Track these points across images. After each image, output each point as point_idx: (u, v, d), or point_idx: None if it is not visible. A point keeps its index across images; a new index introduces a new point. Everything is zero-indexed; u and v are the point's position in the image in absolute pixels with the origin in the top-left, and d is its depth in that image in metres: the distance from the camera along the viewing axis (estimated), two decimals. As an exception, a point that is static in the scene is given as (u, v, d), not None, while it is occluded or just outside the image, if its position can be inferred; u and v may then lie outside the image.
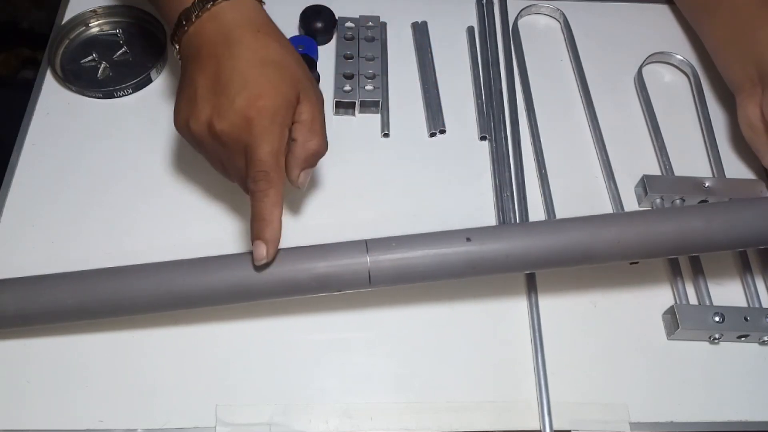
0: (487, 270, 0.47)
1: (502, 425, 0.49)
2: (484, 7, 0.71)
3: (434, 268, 0.47)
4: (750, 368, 0.53)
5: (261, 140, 0.44)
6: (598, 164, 0.62)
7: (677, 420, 0.51)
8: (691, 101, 0.68)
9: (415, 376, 0.51)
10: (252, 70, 0.45)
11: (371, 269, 0.46)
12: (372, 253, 0.46)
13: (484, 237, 0.47)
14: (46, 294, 0.46)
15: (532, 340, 0.52)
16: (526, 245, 0.47)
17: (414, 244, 0.47)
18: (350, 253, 0.46)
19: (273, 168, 0.45)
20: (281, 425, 0.48)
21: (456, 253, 0.46)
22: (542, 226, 0.49)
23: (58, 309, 0.46)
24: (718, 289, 0.56)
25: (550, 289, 0.55)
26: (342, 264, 0.46)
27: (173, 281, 0.46)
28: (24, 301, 0.46)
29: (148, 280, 0.46)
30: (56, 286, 0.46)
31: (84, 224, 0.55)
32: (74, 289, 0.46)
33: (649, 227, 0.48)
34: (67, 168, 0.58)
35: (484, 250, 0.47)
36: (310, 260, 0.46)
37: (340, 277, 0.46)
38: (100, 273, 0.47)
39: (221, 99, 0.45)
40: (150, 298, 0.46)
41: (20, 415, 0.47)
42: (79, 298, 0.46)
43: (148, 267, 0.47)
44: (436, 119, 0.63)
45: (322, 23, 0.66)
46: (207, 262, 0.47)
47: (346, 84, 0.63)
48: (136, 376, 0.49)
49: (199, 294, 0.46)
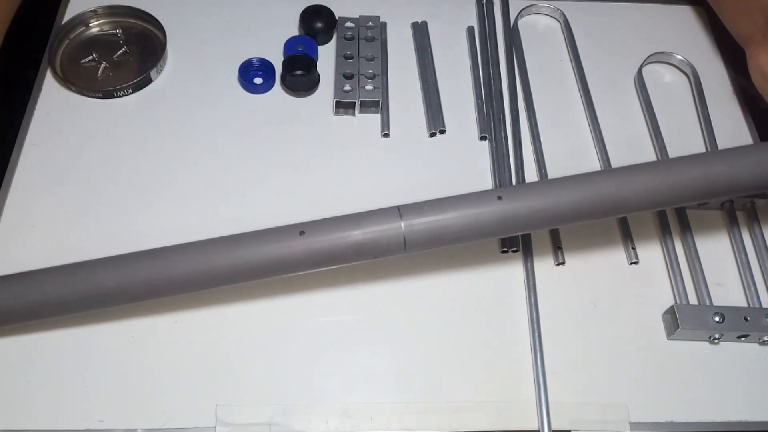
0: (519, 227, 0.48)
1: (502, 425, 0.49)
2: (484, 7, 0.71)
3: (467, 229, 0.47)
4: (750, 368, 0.53)
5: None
6: (598, 164, 0.62)
7: (677, 420, 0.51)
8: (691, 101, 0.68)
9: (415, 376, 0.51)
10: None
11: (406, 234, 0.46)
12: (405, 218, 0.46)
13: (515, 194, 0.47)
14: (86, 280, 0.46)
15: (532, 340, 0.52)
16: (557, 199, 0.47)
17: (446, 206, 0.47)
18: (384, 220, 0.46)
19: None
20: (281, 425, 0.48)
21: (488, 212, 0.47)
22: (571, 180, 0.48)
23: (99, 293, 0.46)
24: (718, 289, 0.56)
25: (550, 289, 0.55)
26: (377, 230, 0.46)
27: (212, 258, 0.46)
28: (65, 287, 0.46)
29: (187, 259, 0.46)
30: (95, 270, 0.46)
31: (84, 224, 0.55)
32: (114, 272, 0.46)
33: (676, 173, 0.48)
34: (67, 168, 0.58)
35: (516, 207, 0.47)
36: (345, 229, 0.46)
37: (376, 244, 0.46)
38: (137, 255, 0.47)
39: None
40: (190, 276, 0.46)
41: (20, 415, 0.47)
42: (119, 281, 0.46)
43: (186, 246, 0.47)
44: (436, 119, 0.63)
45: (322, 23, 0.66)
46: (243, 238, 0.47)
47: (346, 84, 0.63)
48: (136, 376, 0.49)
49: (239, 269, 0.46)
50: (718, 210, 0.61)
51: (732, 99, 0.68)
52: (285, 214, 0.57)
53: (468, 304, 0.54)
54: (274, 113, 0.63)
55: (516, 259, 0.57)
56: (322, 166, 0.60)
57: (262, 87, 0.64)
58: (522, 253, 0.57)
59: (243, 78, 0.63)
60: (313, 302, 0.53)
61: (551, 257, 0.57)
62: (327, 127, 0.63)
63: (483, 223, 0.47)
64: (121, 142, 0.60)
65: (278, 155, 0.60)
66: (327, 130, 0.62)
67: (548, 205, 0.47)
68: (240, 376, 0.50)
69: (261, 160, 0.60)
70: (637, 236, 0.58)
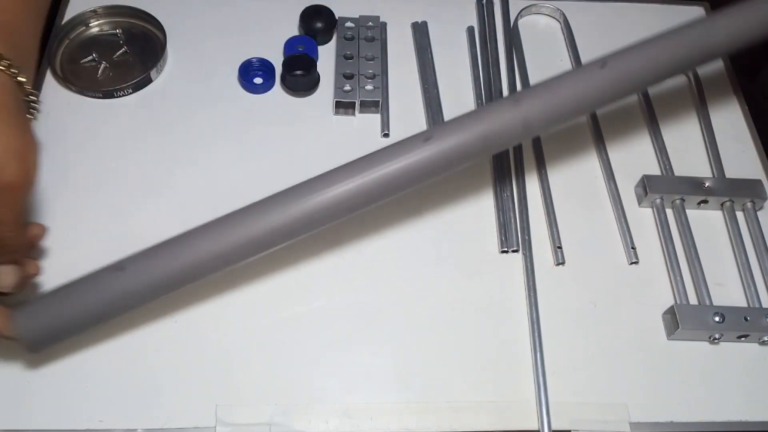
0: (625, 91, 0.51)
1: (502, 425, 0.49)
2: (484, 7, 0.71)
3: (580, 99, 0.49)
4: (750, 368, 0.53)
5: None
6: (598, 164, 0.62)
7: (677, 420, 0.51)
8: (691, 101, 0.68)
9: (415, 376, 0.51)
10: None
11: (525, 117, 0.48)
12: (522, 103, 0.48)
13: (619, 60, 0.51)
14: (164, 264, 0.46)
15: (532, 340, 0.52)
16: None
17: (556, 83, 0.49)
18: (502, 110, 0.48)
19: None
20: (281, 425, 0.48)
21: (595, 77, 0.50)
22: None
23: (175, 274, 0.46)
24: (718, 289, 0.56)
25: (550, 289, 0.55)
26: (498, 120, 0.47)
27: (341, 183, 0.47)
28: (147, 275, 0.46)
29: (247, 224, 0.47)
30: (170, 253, 0.46)
31: (84, 224, 0.55)
32: (179, 253, 0.47)
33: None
34: (66, 167, 0.58)
35: (623, 67, 0.50)
36: (470, 126, 0.47)
37: (500, 133, 0.48)
38: (193, 233, 0.47)
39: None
40: (255, 237, 0.47)
41: (20, 415, 0.47)
42: (187, 259, 0.46)
43: (243, 211, 0.47)
44: (436, 119, 0.63)
45: (322, 23, 0.66)
46: (368, 158, 0.48)
47: (346, 84, 0.63)
48: (136, 376, 0.49)
49: (374, 185, 0.47)
50: (718, 210, 0.61)
51: (732, 99, 0.68)
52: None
53: (468, 304, 0.54)
54: (274, 113, 0.63)
55: (516, 259, 0.57)
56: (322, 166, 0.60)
57: (262, 87, 0.64)
58: (522, 253, 0.57)
59: (243, 78, 0.63)
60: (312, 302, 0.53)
61: (551, 257, 0.57)
62: (327, 127, 0.63)
63: (591, 89, 0.50)
64: (121, 142, 0.60)
65: (278, 155, 0.60)
66: (327, 130, 0.62)
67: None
68: (240, 376, 0.50)
69: (261, 160, 0.60)
70: (637, 236, 0.58)
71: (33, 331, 0.44)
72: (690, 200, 0.60)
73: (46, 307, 0.45)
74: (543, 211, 0.59)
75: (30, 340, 0.45)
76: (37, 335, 0.45)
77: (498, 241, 0.57)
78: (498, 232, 0.58)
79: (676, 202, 0.60)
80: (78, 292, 0.45)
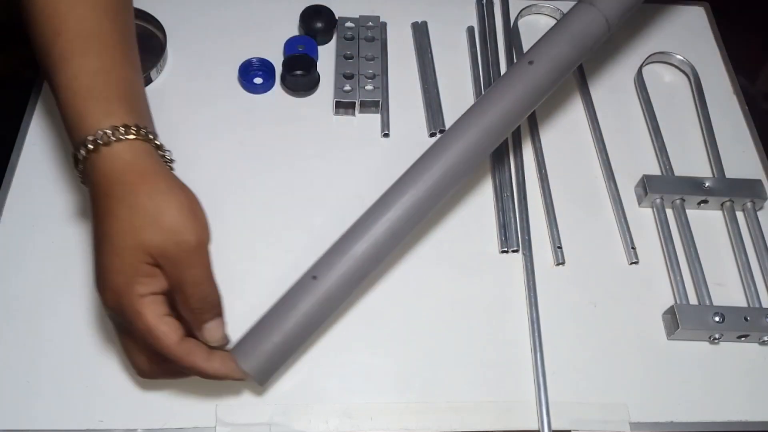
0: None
1: (502, 425, 0.49)
2: (484, 7, 0.71)
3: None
4: (750, 368, 0.53)
5: (129, 324, 0.41)
6: (598, 164, 0.62)
7: (677, 420, 0.51)
8: (691, 101, 0.68)
9: (415, 376, 0.51)
10: (95, 247, 0.42)
11: (607, 18, 0.52)
12: (595, 6, 0.52)
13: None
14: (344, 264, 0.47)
15: (532, 340, 0.52)
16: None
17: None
18: (580, 16, 0.51)
19: (158, 345, 0.41)
20: (281, 425, 0.48)
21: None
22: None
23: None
24: (718, 289, 0.56)
25: (550, 289, 0.55)
26: (580, 25, 0.51)
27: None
28: (337, 275, 0.47)
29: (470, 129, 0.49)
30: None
31: (84, 224, 0.55)
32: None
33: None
34: (67, 168, 0.58)
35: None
36: (557, 45, 0.51)
37: (586, 33, 0.51)
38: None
39: (97, 280, 0.42)
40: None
41: (20, 415, 0.47)
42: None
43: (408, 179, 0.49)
44: (436, 119, 0.63)
45: (322, 23, 0.66)
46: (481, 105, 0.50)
47: (346, 84, 0.63)
48: (136, 376, 0.49)
49: (501, 118, 0.50)
50: (718, 210, 0.61)
51: (732, 99, 0.68)
52: (285, 214, 0.57)
53: (468, 304, 0.54)
54: (274, 113, 0.63)
55: (516, 259, 0.57)
56: (322, 166, 0.60)
57: (262, 87, 0.64)
58: (522, 253, 0.57)
59: (243, 78, 0.63)
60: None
61: (551, 257, 0.57)
62: (327, 127, 0.63)
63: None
64: (121, 142, 0.59)
65: (278, 155, 0.60)
66: (327, 130, 0.62)
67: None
68: (240, 376, 0.50)
69: (261, 160, 0.60)
70: (637, 236, 0.58)
71: (258, 366, 0.45)
72: (690, 200, 0.60)
73: (261, 339, 0.45)
74: (543, 211, 0.59)
75: (258, 375, 0.45)
76: (263, 368, 0.45)
77: (498, 241, 0.57)
78: (498, 232, 0.58)
79: (676, 202, 0.60)
80: (282, 314, 0.46)
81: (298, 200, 0.58)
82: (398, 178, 0.50)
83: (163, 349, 0.41)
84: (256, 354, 0.45)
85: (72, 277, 0.52)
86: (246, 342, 0.46)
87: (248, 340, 0.46)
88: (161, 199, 0.42)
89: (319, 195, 0.58)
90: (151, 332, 0.41)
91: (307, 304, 0.46)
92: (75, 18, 0.45)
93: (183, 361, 0.42)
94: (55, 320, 0.51)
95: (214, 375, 0.43)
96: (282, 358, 0.46)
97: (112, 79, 0.45)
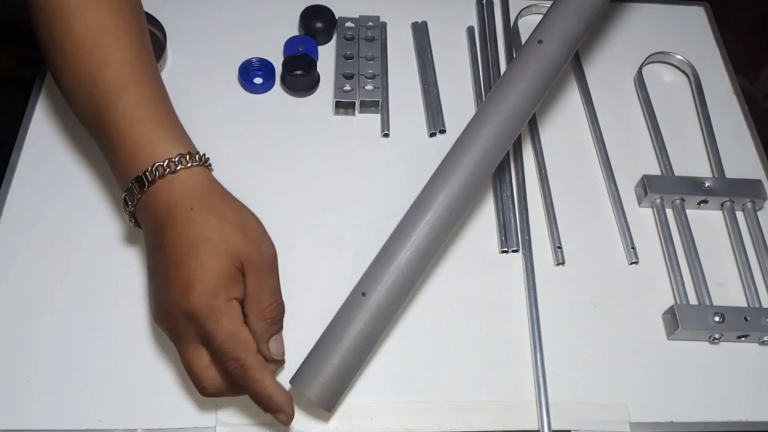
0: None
1: (502, 425, 0.49)
2: (484, 7, 0.71)
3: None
4: (750, 368, 0.53)
5: (213, 328, 0.41)
6: (598, 164, 0.62)
7: (677, 420, 0.51)
8: (691, 101, 0.68)
9: (415, 376, 0.51)
10: (182, 255, 0.42)
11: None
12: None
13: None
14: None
15: (532, 340, 0.52)
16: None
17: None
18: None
19: (239, 350, 0.41)
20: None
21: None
22: None
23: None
24: (718, 289, 0.56)
25: (550, 289, 0.55)
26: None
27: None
28: (386, 290, 0.47)
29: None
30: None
31: (84, 224, 0.55)
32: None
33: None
34: (67, 168, 0.58)
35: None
36: (564, 18, 0.52)
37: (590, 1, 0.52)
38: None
39: (161, 296, 0.43)
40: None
41: (20, 415, 0.47)
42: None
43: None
44: (436, 119, 0.63)
45: (322, 23, 0.66)
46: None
47: (346, 84, 0.63)
48: (136, 376, 0.49)
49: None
50: (718, 210, 0.61)
51: (732, 99, 0.68)
52: (285, 214, 0.57)
53: (468, 304, 0.54)
54: (274, 113, 0.63)
55: (516, 259, 0.57)
56: (322, 166, 0.60)
57: (262, 87, 0.64)
58: (522, 253, 0.57)
59: (243, 78, 0.63)
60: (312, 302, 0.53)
61: (551, 257, 0.57)
62: (327, 127, 0.63)
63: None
64: (121, 142, 0.59)
65: (278, 155, 0.60)
66: (327, 130, 0.62)
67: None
68: (240, 376, 0.50)
69: (261, 160, 0.60)
70: (637, 236, 0.58)
71: (323, 392, 0.45)
72: (690, 200, 0.60)
73: (320, 365, 0.46)
74: (543, 211, 0.59)
75: (324, 401, 0.46)
76: (328, 393, 0.46)
77: (498, 241, 0.57)
78: (498, 232, 0.58)
79: (676, 202, 0.60)
80: (337, 336, 0.46)
81: (298, 200, 0.58)
82: (430, 178, 0.50)
83: (241, 354, 0.41)
84: (320, 381, 0.45)
85: (72, 277, 0.52)
86: (306, 370, 0.46)
87: (307, 367, 0.46)
88: (243, 213, 0.45)
89: (319, 195, 0.58)
90: (236, 335, 0.41)
91: (361, 321, 0.46)
92: (119, 48, 0.46)
93: (254, 373, 0.42)
94: (55, 320, 0.51)
95: (271, 396, 0.43)
96: (345, 381, 0.46)
97: (168, 106, 0.47)
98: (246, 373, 0.42)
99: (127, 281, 0.52)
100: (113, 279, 0.52)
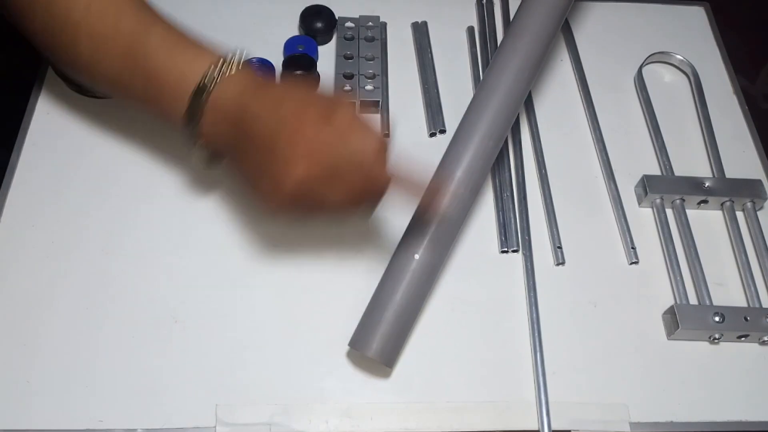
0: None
1: (502, 425, 0.49)
2: (484, 7, 0.71)
3: None
4: (750, 368, 0.53)
5: (353, 117, 0.45)
6: (598, 164, 0.62)
7: (677, 420, 0.51)
8: (691, 101, 0.68)
9: (415, 376, 0.51)
10: (278, 125, 0.44)
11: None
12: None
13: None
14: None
15: (532, 340, 0.52)
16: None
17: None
18: None
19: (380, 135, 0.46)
20: (281, 425, 0.48)
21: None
22: None
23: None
24: (718, 289, 0.56)
25: (550, 289, 0.55)
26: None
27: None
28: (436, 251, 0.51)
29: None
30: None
31: (84, 224, 0.55)
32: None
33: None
34: (67, 168, 0.58)
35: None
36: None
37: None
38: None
39: (279, 170, 0.44)
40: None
41: (20, 415, 0.47)
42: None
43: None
44: (436, 119, 0.63)
45: (322, 23, 0.66)
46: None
47: (346, 84, 0.63)
48: (136, 376, 0.49)
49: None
50: (718, 210, 0.61)
51: (732, 99, 0.68)
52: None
53: (468, 304, 0.54)
54: (274, 113, 0.63)
55: (516, 259, 0.57)
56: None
57: (262, 87, 0.64)
58: (522, 253, 0.57)
59: (243, 78, 0.63)
60: (312, 302, 0.53)
61: (551, 257, 0.57)
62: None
63: None
64: (121, 142, 0.60)
65: (278, 155, 0.60)
66: (327, 130, 0.62)
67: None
68: (240, 376, 0.50)
69: (261, 160, 0.60)
70: (637, 236, 0.58)
71: (382, 349, 0.48)
72: (690, 200, 0.60)
73: (376, 324, 0.48)
74: (543, 211, 0.59)
75: (384, 358, 0.48)
76: (387, 350, 0.48)
77: (498, 241, 0.57)
78: (498, 232, 0.58)
79: (676, 202, 0.60)
80: (389, 296, 0.49)
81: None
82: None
83: (384, 144, 0.45)
84: (377, 339, 0.47)
85: (72, 277, 0.52)
86: (362, 331, 0.48)
87: (364, 329, 0.48)
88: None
89: (319, 195, 0.58)
90: (374, 130, 0.45)
91: (412, 280, 0.49)
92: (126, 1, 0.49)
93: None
94: (55, 320, 0.51)
95: (413, 179, 0.46)
96: (401, 338, 0.49)
97: (191, 33, 0.49)
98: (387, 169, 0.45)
99: (127, 281, 0.52)
100: (113, 279, 0.53)
